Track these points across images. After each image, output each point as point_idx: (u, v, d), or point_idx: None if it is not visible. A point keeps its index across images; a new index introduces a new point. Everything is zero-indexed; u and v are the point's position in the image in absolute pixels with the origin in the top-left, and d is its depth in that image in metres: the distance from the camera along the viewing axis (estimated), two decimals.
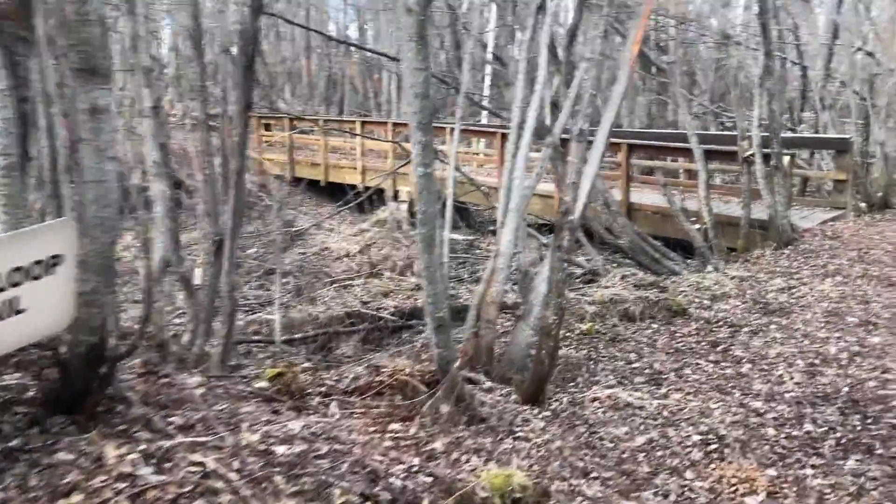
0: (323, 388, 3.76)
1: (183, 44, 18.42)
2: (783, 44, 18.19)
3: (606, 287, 7.31)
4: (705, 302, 7.07)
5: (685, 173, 13.51)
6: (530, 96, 5.11)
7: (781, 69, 19.96)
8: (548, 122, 7.25)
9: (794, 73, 19.45)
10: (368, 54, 25.11)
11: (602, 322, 6.43)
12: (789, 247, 9.49)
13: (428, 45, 3.30)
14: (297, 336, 8.55)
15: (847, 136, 11.08)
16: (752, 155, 9.62)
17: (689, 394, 4.81)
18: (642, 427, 4.26)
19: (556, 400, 4.66)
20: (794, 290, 7.45)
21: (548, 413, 4.26)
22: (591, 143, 5.02)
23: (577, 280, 10.50)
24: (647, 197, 12.71)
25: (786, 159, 9.85)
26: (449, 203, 6.09)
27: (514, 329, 5.19)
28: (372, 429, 3.31)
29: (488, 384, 4.43)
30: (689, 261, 9.54)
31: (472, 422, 3.73)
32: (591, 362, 5.58)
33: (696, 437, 4.13)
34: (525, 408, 4.24)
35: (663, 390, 4.89)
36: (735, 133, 10.42)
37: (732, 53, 9.63)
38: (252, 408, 2.93)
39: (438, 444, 3.30)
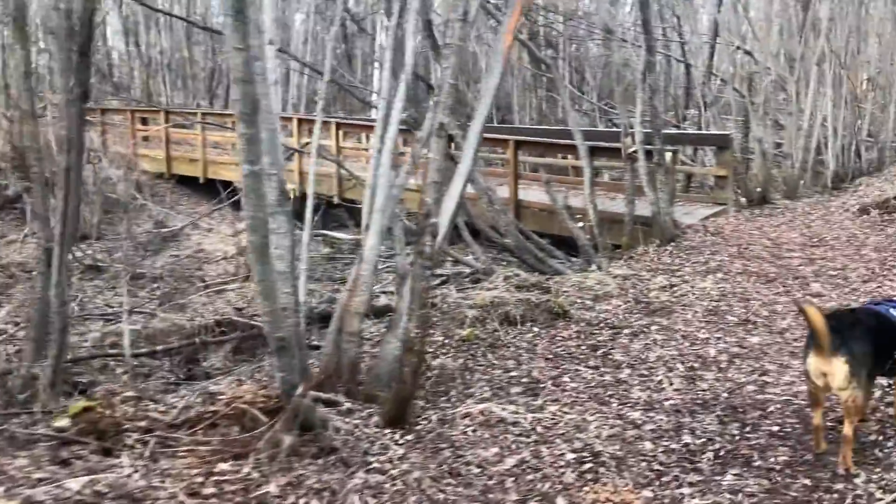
0: (144, 423, 3.23)
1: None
2: (668, 41, 18.56)
3: (489, 289, 7.00)
4: (588, 302, 6.86)
5: (574, 170, 13.48)
6: (396, 87, 4.71)
7: (667, 67, 20.41)
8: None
9: (679, 70, 19.89)
10: None
11: (482, 327, 6.11)
12: (672, 243, 9.48)
13: (249, 22, 2.83)
14: (158, 348, 7.85)
15: (727, 133, 11.25)
16: (636, 152, 9.56)
17: (565, 405, 4.52)
18: (514, 446, 3.92)
19: (425, 418, 4.28)
20: (675, 289, 7.35)
21: (411, 437, 3.87)
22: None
23: (466, 279, 10.23)
24: (535, 194, 12.56)
25: (668, 156, 9.84)
26: (309, 202, 5.63)
27: (382, 341, 4.78)
28: (195, 471, 2.83)
29: (348, 405, 4.00)
30: (574, 259, 9.38)
31: (321, 454, 3.29)
32: (468, 372, 5.23)
33: (571, 456, 3.83)
34: (387, 432, 3.84)
35: (539, 401, 4.59)
36: (620, 130, 10.38)
37: (614, 49, 9.51)
38: (26, 461, 2.39)
39: (273, 487, 2.85)
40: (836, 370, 3.60)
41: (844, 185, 14.10)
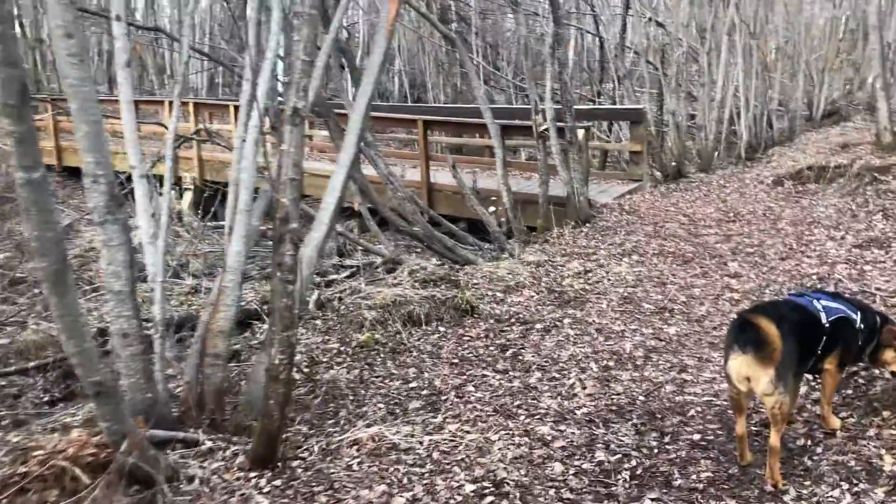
0: None
1: None
2: (581, 14, 18.24)
3: (392, 285, 6.45)
4: (498, 295, 6.39)
5: (490, 151, 13.01)
6: (260, 64, 4.07)
7: (581, 40, 20.13)
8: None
9: (595, 44, 19.62)
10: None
11: (384, 330, 5.56)
12: (588, 224, 9.12)
13: None
14: (31, 364, 7.03)
15: (640, 107, 10.94)
16: (547, 129, 9.12)
17: (467, 422, 4.02)
18: (405, 480, 3.40)
19: (306, 448, 3.71)
20: (590, 275, 6.96)
21: (280, 480, 3.30)
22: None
23: (378, 269, 9.66)
24: (448, 177, 12.03)
25: (581, 133, 9.45)
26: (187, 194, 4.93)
27: (254, 360, 4.17)
28: None
29: (210, 444, 3.40)
30: (489, 245, 8.91)
31: None
32: (363, 385, 4.68)
33: (469, 488, 3.33)
34: (252, 476, 3.26)
35: (439, 419, 4.08)
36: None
37: (521, 22, 9.02)
38: None
39: None
40: (760, 374, 3.23)
41: (758, 156, 14.07)
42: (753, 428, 3.74)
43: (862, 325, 3.58)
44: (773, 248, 7.45)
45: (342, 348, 5.31)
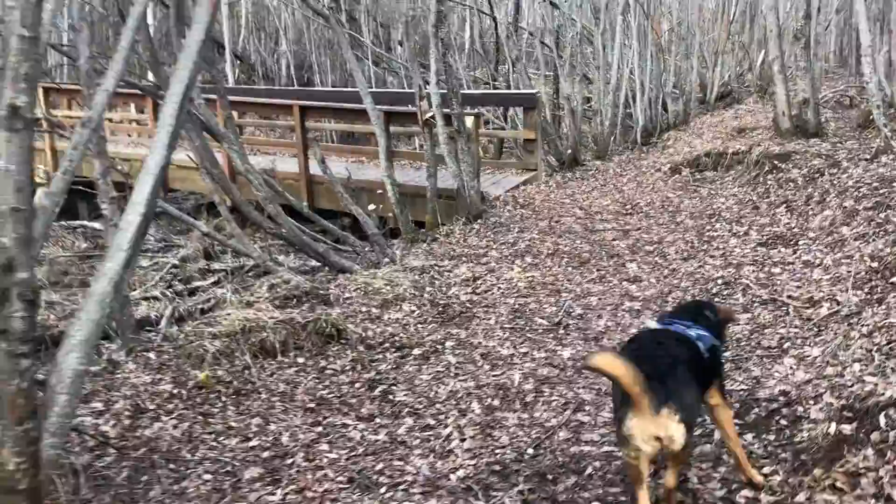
0: None
1: None
2: None
3: (247, 304, 5.51)
4: (373, 311, 5.55)
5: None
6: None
7: (479, 21, 19.39)
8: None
9: (490, 25, 18.91)
10: None
11: (229, 364, 4.62)
12: (479, 220, 8.39)
13: None
14: None
15: (533, 92, 10.26)
16: (433, 117, 8.31)
17: (313, 501, 3.18)
18: None
19: None
20: (479, 282, 6.21)
21: None
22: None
23: (249, 274, 8.67)
24: (333, 168, 11.08)
25: (470, 120, 8.67)
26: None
27: None
28: None
29: None
30: (369, 248, 8.03)
31: None
32: (191, 446, 3.76)
33: None
34: None
35: (277, 496, 3.22)
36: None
37: None
38: None
39: None
40: (674, 431, 2.62)
41: (653, 140, 13.74)
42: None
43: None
44: (674, 246, 6.90)
45: (176, 391, 4.35)
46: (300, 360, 4.72)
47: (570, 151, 11.63)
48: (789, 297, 4.95)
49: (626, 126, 14.46)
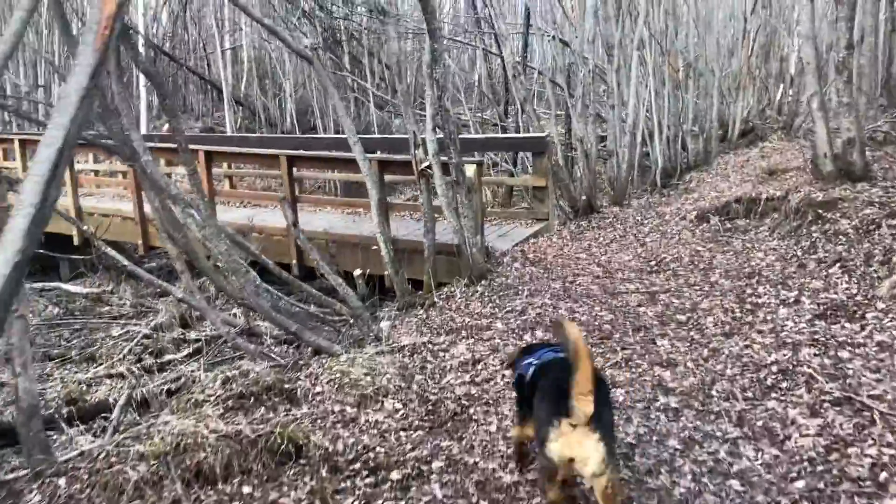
0: None
1: None
2: (481, 32, 16.70)
3: (193, 407, 4.49)
4: (348, 411, 4.53)
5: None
6: None
7: (487, 62, 18.60)
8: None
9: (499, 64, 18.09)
10: None
11: (156, 496, 3.60)
12: (484, 281, 7.39)
13: None
14: None
15: (543, 135, 9.31)
16: (429, 166, 7.36)
17: None
18: None
19: None
20: (479, 367, 5.18)
21: None
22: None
23: (229, 345, 7.68)
24: (327, 220, 10.17)
25: (471, 169, 7.71)
26: None
27: None
28: None
29: None
30: (356, 315, 7.01)
31: None
32: None
33: None
34: None
35: None
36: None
37: (392, 35, 7.26)
38: None
39: None
40: (590, 451, 2.70)
41: (673, 182, 12.78)
42: None
43: None
44: (712, 316, 5.84)
45: None
46: (246, 489, 3.69)
47: (584, 197, 10.65)
48: (870, 396, 3.88)
49: (643, 166, 13.51)
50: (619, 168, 11.68)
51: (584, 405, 2.63)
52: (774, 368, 4.57)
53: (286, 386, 4.72)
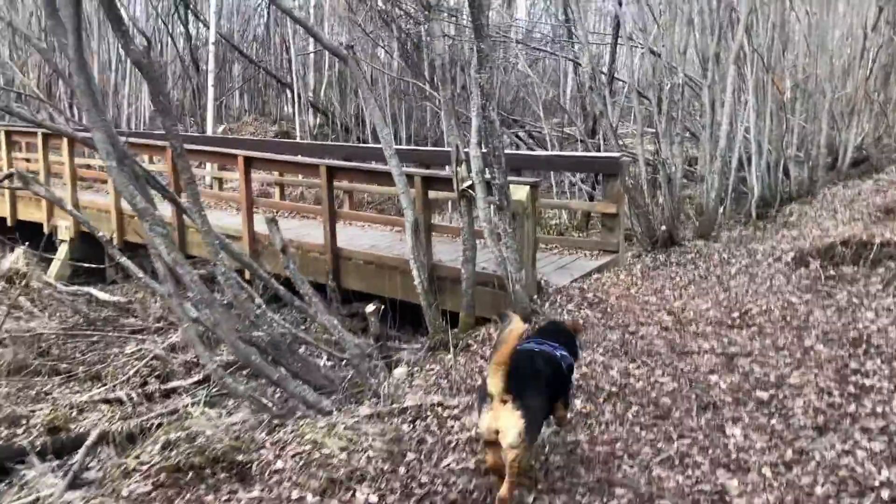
0: None
1: None
2: (566, 42, 15.57)
3: (118, 481, 3.58)
4: (308, 501, 3.52)
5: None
6: None
7: (576, 74, 17.43)
8: None
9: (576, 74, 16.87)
10: None
11: None
12: (528, 324, 6.25)
13: None
14: None
15: (614, 156, 8.12)
16: (471, 186, 6.33)
17: None
18: None
19: None
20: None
21: None
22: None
23: (244, 372, 6.89)
24: (365, 238, 9.25)
25: (523, 191, 6.63)
26: None
27: None
28: None
29: None
30: (353, 365, 5.98)
31: None
32: None
33: None
34: None
35: None
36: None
37: (437, 32, 6.28)
38: None
39: None
40: (510, 425, 3.20)
41: (771, 213, 11.28)
42: None
43: None
44: (802, 397, 4.57)
45: None
46: None
47: (664, 228, 9.36)
48: None
49: (739, 192, 12.07)
50: (708, 196, 10.32)
51: (492, 378, 3.19)
52: (885, 495, 3.31)
53: (240, 458, 3.75)
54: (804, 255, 7.88)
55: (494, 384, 3.18)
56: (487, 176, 6.24)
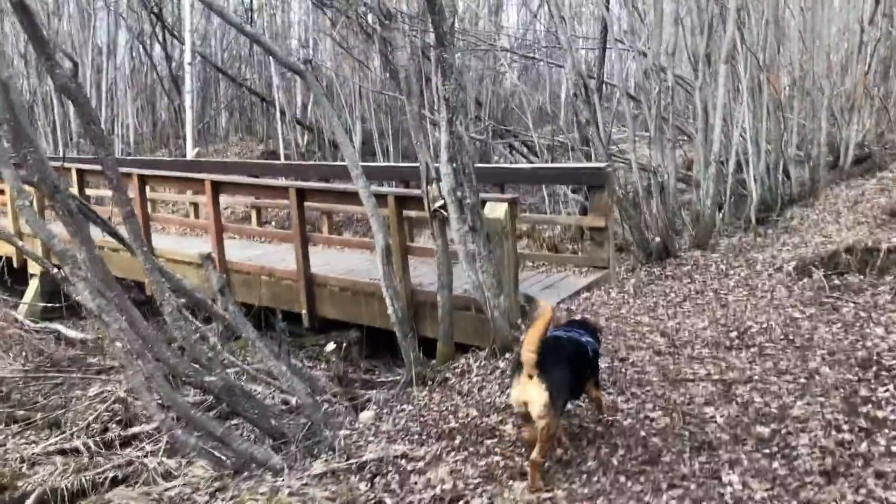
0: None
1: None
2: (551, 47, 15.14)
3: None
4: None
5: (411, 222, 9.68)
6: None
7: (549, 76, 16.99)
8: None
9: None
10: None
11: None
12: (509, 353, 5.80)
13: None
14: None
15: (601, 165, 7.63)
16: (444, 206, 5.87)
17: None
18: None
19: None
20: None
21: None
22: None
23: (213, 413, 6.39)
24: (342, 262, 8.78)
25: (500, 209, 6.16)
26: None
27: None
28: None
29: None
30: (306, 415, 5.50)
31: None
32: None
33: None
34: None
35: None
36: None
37: (400, 43, 5.83)
38: None
39: None
40: (536, 396, 3.63)
41: (773, 218, 10.80)
42: None
43: None
44: (807, 432, 4.08)
45: None
46: None
47: (657, 239, 8.88)
48: None
49: (738, 196, 11.60)
50: (704, 203, 9.84)
51: (526, 354, 3.65)
52: None
53: None
54: (806, 263, 7.39)
55: (525, 361, 3.62)
56: (461, 194, 5.78)
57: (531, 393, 3.61)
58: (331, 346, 6.27)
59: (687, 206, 12.32)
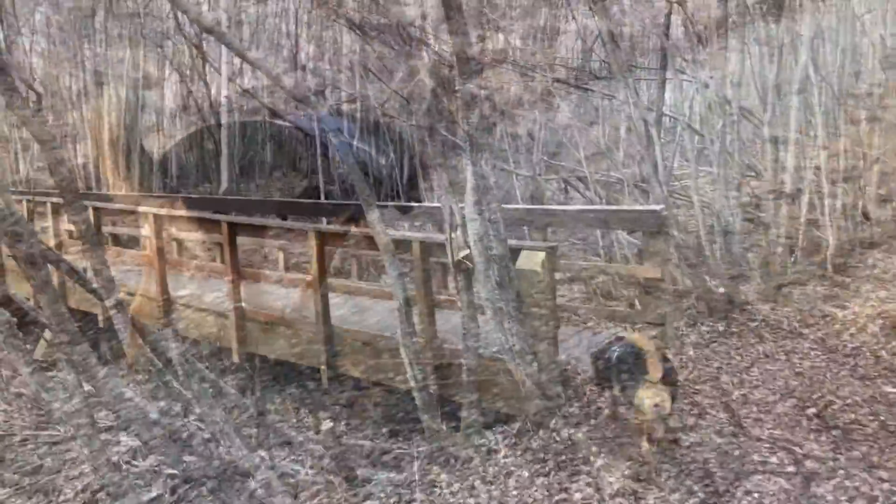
0: None
1: None
2: (608, 77, 14.28)
3: None
4: None
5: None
6: None
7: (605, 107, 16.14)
8: None
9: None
10: None
11: None
12: (542, 431, 4.97)
13: None
14: None
15: (656, 208, 6.75)
16: (468, 256, 5.10)
17: None
18: None
19: None
20: None
21: None
22: None
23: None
24: (365, 312, 8.03)
25: (537, 257, 5.35)
26: None
27: None
28: None
29: None
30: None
31: None
32: None
33: None
34: None
35: None
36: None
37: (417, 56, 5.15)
38: None
39: None
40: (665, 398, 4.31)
41: (852, 265, 9.68)
42: None
43: None
44: None
45: None
46: None
47: (721, 290, 7.92)
48: None
49: (812, 240, 10.54)
50: (774, 248, 8.85)
51: (653, 371, 4.39)
52: None
53: None
54: None
55: (654, 376, 4.36)
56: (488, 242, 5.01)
57: (662, 395, 4.40)
58: (327, 426, 5.51)
59: (754, 249, 11.26)
